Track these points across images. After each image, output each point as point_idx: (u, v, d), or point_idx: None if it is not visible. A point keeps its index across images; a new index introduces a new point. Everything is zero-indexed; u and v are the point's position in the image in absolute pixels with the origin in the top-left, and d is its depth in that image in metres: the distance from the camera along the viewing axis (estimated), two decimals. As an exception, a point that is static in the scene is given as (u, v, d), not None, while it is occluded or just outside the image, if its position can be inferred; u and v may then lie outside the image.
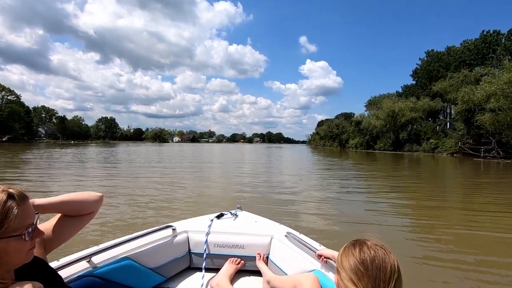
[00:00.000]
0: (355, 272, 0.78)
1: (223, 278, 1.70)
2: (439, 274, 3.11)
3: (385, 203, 6.86)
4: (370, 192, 8.73)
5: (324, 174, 13.68)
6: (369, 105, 77.36)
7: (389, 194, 8.43)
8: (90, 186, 8.66)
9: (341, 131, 69.74)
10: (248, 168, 16.14)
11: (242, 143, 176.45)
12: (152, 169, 14.09)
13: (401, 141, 44.91)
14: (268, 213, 5.37)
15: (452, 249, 3.91)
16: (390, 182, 11.22)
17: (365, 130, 52.95)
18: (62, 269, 1.28)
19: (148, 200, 6.47)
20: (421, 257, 3.55)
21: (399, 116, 44.87)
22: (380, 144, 47.79)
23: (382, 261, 0.77)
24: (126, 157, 23.66)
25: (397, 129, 46.39)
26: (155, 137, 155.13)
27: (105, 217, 4.91)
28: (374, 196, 7.91)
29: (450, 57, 48.13)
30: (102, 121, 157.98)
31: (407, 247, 3.97)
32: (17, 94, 79.62)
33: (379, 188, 9.76)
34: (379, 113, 48.68)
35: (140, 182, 9.52)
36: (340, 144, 68.84)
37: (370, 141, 52.86)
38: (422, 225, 5.21)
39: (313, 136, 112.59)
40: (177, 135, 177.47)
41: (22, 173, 11.51)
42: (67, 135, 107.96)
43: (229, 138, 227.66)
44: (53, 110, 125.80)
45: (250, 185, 9.31)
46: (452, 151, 33.13)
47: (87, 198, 1.08)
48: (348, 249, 0.85)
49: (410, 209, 6.62)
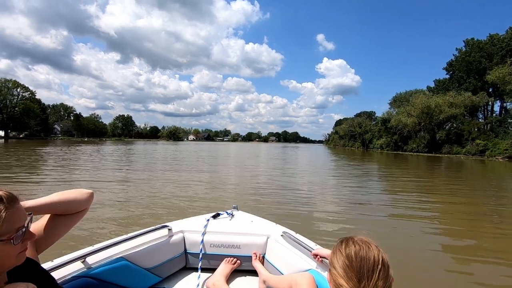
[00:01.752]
0: (343, 267, 0.83)
1: (219, 278, 1.71)
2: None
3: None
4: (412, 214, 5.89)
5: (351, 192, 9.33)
6: (394, 102, 71.70)
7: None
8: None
9: (364, 130, 63.86)
10: (250, 174, 12.19)
11: (257, 142, 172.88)
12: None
13: (438, 141, 38.79)
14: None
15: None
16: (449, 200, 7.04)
17: (393, 129, 47.05)
18: (56, 270, 1.26)
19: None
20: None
21: (435, 113, 38.85)
22: (413, 145, 41.70)
23: (365, 254, 0.82)
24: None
25: (433, 128, 40.30)
26: (170, 135, 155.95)
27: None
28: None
29: (493, 46, 41.81)
30: (119, 119, 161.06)
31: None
32: (32, 91, 79.26)
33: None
34: (411, 110, 42.73)
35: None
36: (363, 144, 62.99)
37: (398, 141, 46.92)
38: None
39: (332, 135, 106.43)
40: (192, 133, 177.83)
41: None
42: (82, 132, 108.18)
43: (244, 137, 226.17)
44: (71, 108, 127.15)
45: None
46: (509, 154, 27.16)
47: (77, 196, 1.05)
48: (337, 247, 0.91)
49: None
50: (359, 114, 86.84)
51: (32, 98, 78.92)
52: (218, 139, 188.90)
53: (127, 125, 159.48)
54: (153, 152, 28.50)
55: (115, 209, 5.35)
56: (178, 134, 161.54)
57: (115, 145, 43.91)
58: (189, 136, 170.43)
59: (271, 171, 13.52)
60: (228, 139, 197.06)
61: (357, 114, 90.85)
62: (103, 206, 5.48)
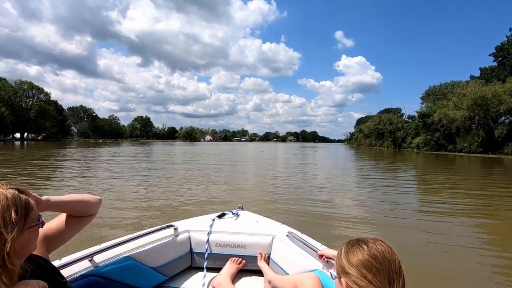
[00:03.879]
0: (370, 269, 0.76)
1: (224, 278, 1.69)
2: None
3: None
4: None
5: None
6: (428, 96, 63.99)
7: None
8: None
9: (396, 127, 56.68)
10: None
11: (275, 142, 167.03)
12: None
13: (497, 139, 31.59)
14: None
15: None
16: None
17: (434, 125, 40.04)
18: (64, 268, 1.28)
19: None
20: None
21: (494, 104, 31.75)
22: (463, 144, 34.55)
23: (390, 255, 0.78)
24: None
25: (489, 123, 33.14)
26: (186, 136, 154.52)
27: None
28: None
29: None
30: (137, 120, 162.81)
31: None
32: (47, 92, 78.34)
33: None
34: (458, 101, 35.69)
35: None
36: (394, 144, 55.87)
37: (441, 139, 39.82)
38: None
39: (355, 134, 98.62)
40: (209, 134, 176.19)
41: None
42: (98, 134, 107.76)
43: (262, 137, 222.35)
44: (90, 110, 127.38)
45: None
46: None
47: (90, 199, 1.12)
48: (353, 249, 0.82)
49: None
50: (387, 110, 79.41)
51: (48, 100, 78.09)
52: (235, 139, 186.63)
53: (146, 126, 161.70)
54: (159, 154, 24.76)
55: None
56: (195, 134, 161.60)
57: (123, 147, 40.82)
58: (206, 136, 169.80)
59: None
60: (246, 139, 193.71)
61: (383, 110, 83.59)
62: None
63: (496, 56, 49.73)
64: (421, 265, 3.34)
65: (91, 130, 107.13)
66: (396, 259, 0.77)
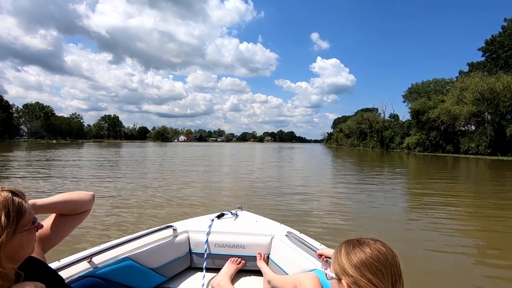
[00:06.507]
0: (373, 271, 0.74)
1: (223, 278, 1.69)
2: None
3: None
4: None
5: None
6: (410, 94, 61.03)
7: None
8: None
9: (382, 126, 52.59)
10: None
11: (252, 143, 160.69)
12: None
13: (509, 139, 27.47)
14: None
15: None
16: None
17: (430, 123, 35.76)
18: (63, 269, 1.27)
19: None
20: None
21: (505, 98, 27.61)
22: (470, 144, 30.20)
23: (392, 257, 0.76)
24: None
25: (498, 120, 29.02)
26: (158, 136, 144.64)
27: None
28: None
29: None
30: (105, 119, 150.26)
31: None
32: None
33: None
34: (461, 95, 31.40)
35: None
36: (382, 144, 51.72)
37: (439, 139, 35.63)
38: None
39: (334, 134, 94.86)
40: (184, 134, 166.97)
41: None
42: (54, 134, 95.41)
43: (239, 137, 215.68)
44: (48, 107, 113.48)
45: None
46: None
47: (81, 197, 1.11)
48: (354, 250, 0.79)
49: None
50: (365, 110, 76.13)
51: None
52: (211, 140, 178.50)
53: (114, 126, 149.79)
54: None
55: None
56: (167, 134, 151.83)
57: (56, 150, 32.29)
58: (180, 136, 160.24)
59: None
60: (222, 140, 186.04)
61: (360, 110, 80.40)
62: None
63: (487, 50, 47.36)
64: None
65: (45, 129, 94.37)
66: (397, 261, 0.76)
